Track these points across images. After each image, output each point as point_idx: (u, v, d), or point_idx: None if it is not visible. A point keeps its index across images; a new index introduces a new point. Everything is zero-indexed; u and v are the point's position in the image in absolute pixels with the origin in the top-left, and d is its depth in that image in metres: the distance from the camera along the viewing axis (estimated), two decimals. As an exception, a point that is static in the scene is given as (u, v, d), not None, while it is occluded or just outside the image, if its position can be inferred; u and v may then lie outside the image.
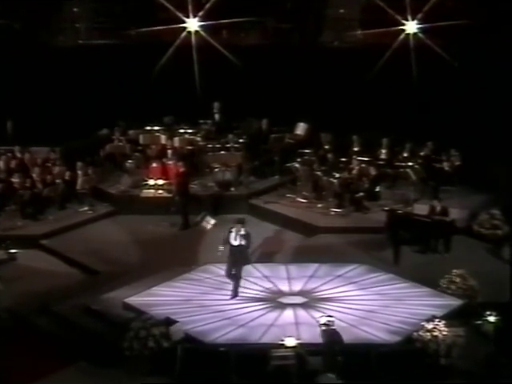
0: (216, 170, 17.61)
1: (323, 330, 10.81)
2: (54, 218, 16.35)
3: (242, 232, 12.83)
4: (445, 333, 11.15)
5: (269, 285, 13.34)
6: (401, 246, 14.15)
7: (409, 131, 17.77)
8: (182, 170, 16.73)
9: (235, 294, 12.83)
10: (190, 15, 19.51)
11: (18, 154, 17.80)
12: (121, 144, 18.77)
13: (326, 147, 18.28)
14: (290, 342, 10.76)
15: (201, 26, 19.72)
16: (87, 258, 14.71)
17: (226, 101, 19.39)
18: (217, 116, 19.29)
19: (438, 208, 14.85)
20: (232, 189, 17.51)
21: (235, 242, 12.81)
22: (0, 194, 16.33)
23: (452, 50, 18.66)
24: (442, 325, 11.22)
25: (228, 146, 18.21)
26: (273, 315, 12.20)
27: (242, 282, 13.18)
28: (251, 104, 19.53)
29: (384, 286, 13.20)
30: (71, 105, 19.63)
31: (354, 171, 16.90)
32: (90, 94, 19.90)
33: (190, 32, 19.78)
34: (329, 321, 10.85)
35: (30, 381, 11.12)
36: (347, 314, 12.23)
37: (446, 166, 17.19)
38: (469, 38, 19.11)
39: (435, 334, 11.13)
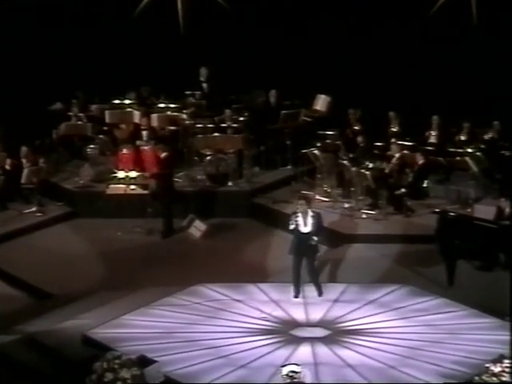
0: (208, 158, 17.61)
1: None
2: (-10, 222, 16.41)
3: (311, 213, 13.17)
4: (516, 377, 11.10)
5: (278, 312, 13.31)
6: (457, 261, 14.09)
7: (468, 106, 17.72)
8: (162, 156, 16.67)
9: (321, 292, 13.45)
10: None
11: None
12: (80, 123, 18.82)
13: (356, 127, 18.27)
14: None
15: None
16: (35, 275, 14.67)
17: (221, 65, 19.37)
18: (205, 86, 19.30)
19: (507, 210, 14.79)
20: (229, 183, 17.52)
21: (305, 228, 13.15)
22: None
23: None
24: (512, 367, 11.17)
25: (224, 125, 18.24)
26: (284, 353, 12.16)
27: (242, 309, 13.21)
28: (254, 69, 19.50)
29: (434, 314, 13.14)
30: (13, 71, 19.61)
31: (394, 160, 16.87)
32: (38, 55, 19.89)
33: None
34: (293, 371, 10.82)
35: None
36: (384, 351, 12.18)
37: (517, 153, 17.19)
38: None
39: (504, 378, 11.06)
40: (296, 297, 13.51)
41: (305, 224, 13.26)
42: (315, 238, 13.34)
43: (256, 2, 19.92)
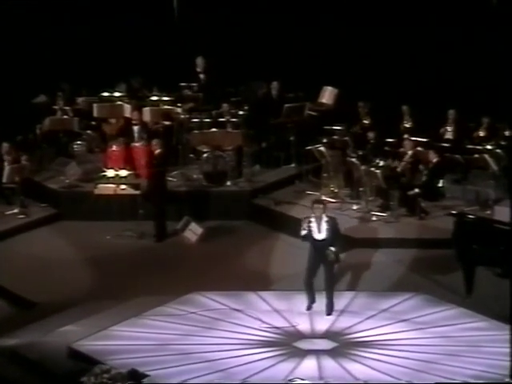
0: (205, 155, 17.62)
1: None
2: (-32, 225, 16.44)
3: (326, 218, 13.12)
4: (540, 394, 11.10)
5: (281, 322, 13.31)
6: (476, 268, 14.08)
7: (487, 100, 17.70)
8: (155, 153, 16.67)
9: (331, 308, 13.32)
10: None
11: None
12: (66, 117, 18.82)
13: (365, 122, 18.27)
14: None
15: None
16: (17, 282, 14.65)
17: (220, 55, 19.36)
18: (202, 77, 19.31)
19: (530, 211, 14.79)
20: (228, 183, 17.53)
21: (320, 235, 13.10)
22: None
23: None
24: (535, 382, 11.16)
25: (222, 120, 18.25)
26: (287, 366, 12.15)
27: (242, 319, 13.20)
28: (255, 59, 19.49)
29: (450, 325, 13.15)
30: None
31: (406, 157, 16.88)
32: (21, 44, 19.88)
33: None
34: None
35: None
36: (396, 364, 12.16)
37: (541, 150, 17.20)
38: None
39: (525, 394, 11.08)
40: (309, 308, 13.42)
41: (319, 230, 13.14)
42: (332, 249, 13.14)
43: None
